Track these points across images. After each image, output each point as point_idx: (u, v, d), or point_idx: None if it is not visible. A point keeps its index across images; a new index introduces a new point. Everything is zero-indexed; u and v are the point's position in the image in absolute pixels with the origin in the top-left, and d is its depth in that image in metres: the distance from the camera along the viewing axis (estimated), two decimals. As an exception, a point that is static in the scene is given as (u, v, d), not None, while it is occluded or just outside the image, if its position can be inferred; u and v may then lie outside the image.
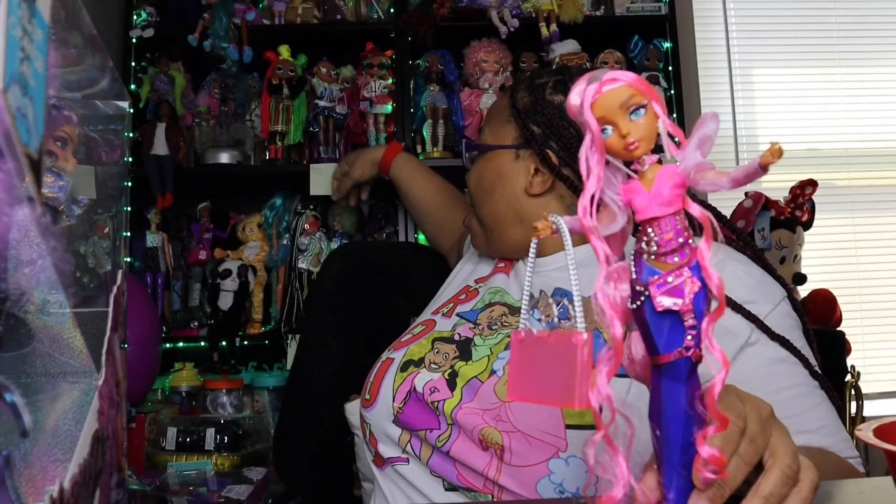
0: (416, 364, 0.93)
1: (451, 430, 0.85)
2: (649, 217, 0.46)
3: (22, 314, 0.43)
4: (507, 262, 1.07)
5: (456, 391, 0.87)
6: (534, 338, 0.47)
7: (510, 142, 0.99)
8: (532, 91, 0.98)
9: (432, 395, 0.87)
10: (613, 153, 0.47)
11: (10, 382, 0.32)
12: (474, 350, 0.91)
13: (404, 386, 0.91)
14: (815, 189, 2.13)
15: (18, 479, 0.36)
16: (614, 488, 0.45)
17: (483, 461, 0.82)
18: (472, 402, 0.85)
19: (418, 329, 1.01)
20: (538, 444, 0.79)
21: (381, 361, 0.98)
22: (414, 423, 0.89)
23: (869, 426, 0.55)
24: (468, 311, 1.01)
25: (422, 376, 0.90)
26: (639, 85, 0.46)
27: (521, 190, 0.98)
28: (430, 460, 0.88)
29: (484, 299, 1.01)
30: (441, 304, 1.06)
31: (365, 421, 0.96)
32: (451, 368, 0.89)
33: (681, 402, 0.46)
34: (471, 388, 0.86)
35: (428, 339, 0.96)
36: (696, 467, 0.46)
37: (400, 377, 0.92)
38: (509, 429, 0.80)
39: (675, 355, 0.46)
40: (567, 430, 0.79)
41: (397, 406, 0.91)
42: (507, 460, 0.80)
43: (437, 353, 0.93)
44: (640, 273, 0.46)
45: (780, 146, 0.41)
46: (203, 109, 2.26)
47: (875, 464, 1.96)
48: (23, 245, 0.38)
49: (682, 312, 0.45)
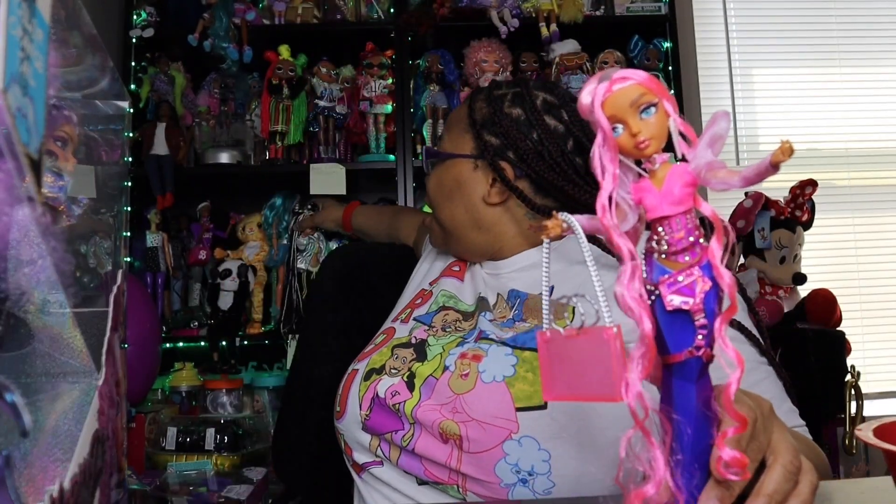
0: (377, 372, 0.96)
1: (414, 428, 0.89)
2: (660, 216, 0.46)
3: (22, 314, 0.43)
4: (461, 266, 1.10)
5: (415, 391, 0.90)
6: (561, 337, 0.47)
7: (468, 151, 1.01)
8: (490, 102, 1.00)
9: (393, 399, 0.91)
10: (624, 152, 0.47)
11: (10, 382, 0.32)
12: (429, 350, 0.95)
13: (368, 394, 0.94)
14: (815, 189, 2.13)
15: (18, 479, 0.36)
16: (648, 484, 0.45)
17: (445, 453, 0.86)
18: (430, 399, 0.88)
19: (380, 338, 1.04)
20: (492, 428, 0.83)
21: (347, 374, 1.01)
22: (380, 428, 0.92)
23: (869, 426, 0.55)
24: (423, 314, 1.04)
25: (383, 382, 0.93)
26: (649, 83, 0.46)
27: (480, 198, 1.00)
28: (399, 460, 0.91)
29: (437, 301, 1.05)
30: (400, 311, 1.09)
31: (339, 431, 1.00)
32: (409, 370, 0.93)
33: (692, 401, 0.46)
34: (428, 386, 0.89)
35: (388, 346, 1.00)
36: (718, 469, 0.46)
37: (364, 386, 0.95)
38: (465, 419, 0.84)
39: (686, 355, 0.46)
40: (517, 413, 0.83)
41: (364, 414, 0.94)
42: (465, 448, 0.84)
43: (396, 358, 0.96)
44: (651, 272, 0.46)
45: (791, 144, 0.41)
46: (203, 109, 2.26)
47: (875, 464, 1.96)
48: (23, 245, 0.38)
49: (693, 312, 0.45)
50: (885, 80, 2.79)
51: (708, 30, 2.72)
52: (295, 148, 2.17)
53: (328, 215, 1.92)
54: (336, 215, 1.86)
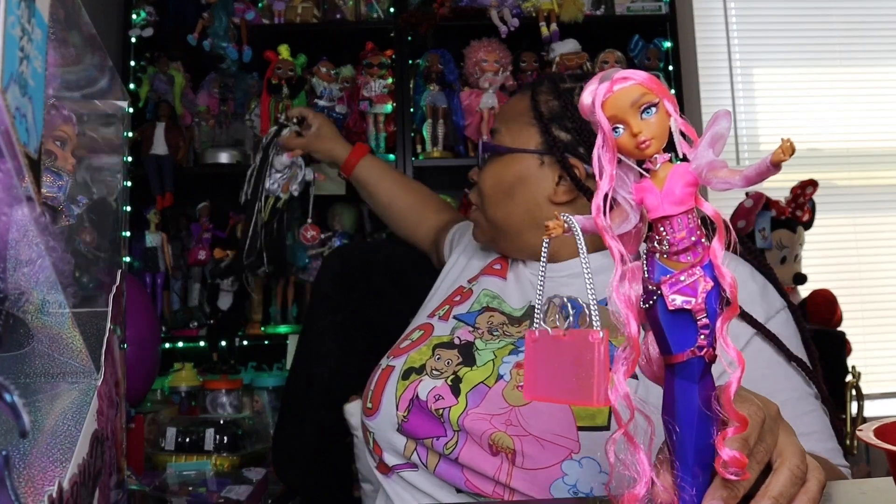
0: (417, 371, 0.91)
1: (458, 436, 0.84)
2: (661, 216, 0.46)
3: (21, 314, 0.43)
4: (503, 264, 1.05)
5: (461, 397, 0.85)
6: (549, 337, 0.47)
7: (533, 146, 0.96)
8: (558, 96, 0.96)
9: (436, 403, 0.86)
10: (625, 152, 0.47)
11: (10, 382, 0.32)
12: (478, 355, 0.90)
13: (407, 394, 0.89)
14: (815, 189, 2.13)
15: (17, 480, 0.36)
16: (636, 486, 0.45)
17: (493, 466, 0.81)
18: (479, 407, 0.83)
19: (416, 335, 0.99)
20: (551, 446, 0.79)
21: (380, 369, 0.96)
22: (418, 432, 0.87)
23: (870, 427, 0.54)
24: (465, 313, 0.99)
25: (424, 384, 0.88)
26: (650, 84, 0.46)
27: (545, 197, 0.95)
28: (437, 468, 0.86)
29: (480, 301, 1.00)
30: (436, 307, 1.04)
31: (368, 429, 0.95)
32: (455, 374, 0.88)
33: (694, 402, 0.46)
34: (477, 393, 0.84)
35: (428, 345, 0.94)
36: (718, 469, 0.46)
37: (402, 385, 0.90)
38: (520, 433, 0.80)
39: (688, 355, 0.46)
40: (579, 432, 0.79)
41: (401, 415, 0.89)
42: (518, 464, 0.79)
43: (439, 359, 0.91)
44: (653, 272, 0.46)
45: (792, 143, 0.40)
46: (202, 109, 2.26)
47: (875, 464, 1.96)
48: (22, 245, 0.38)
49: (695, 311, 0.45)
50: (886, 80, 2.79)
51: (708, 29, 2.72)
52: (295, 148, 2.17)
53: (325, 146, 1.48)
54: (338, 152, 1.45)
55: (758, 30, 2.76)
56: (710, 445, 0.46)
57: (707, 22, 2.72)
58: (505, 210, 0.98)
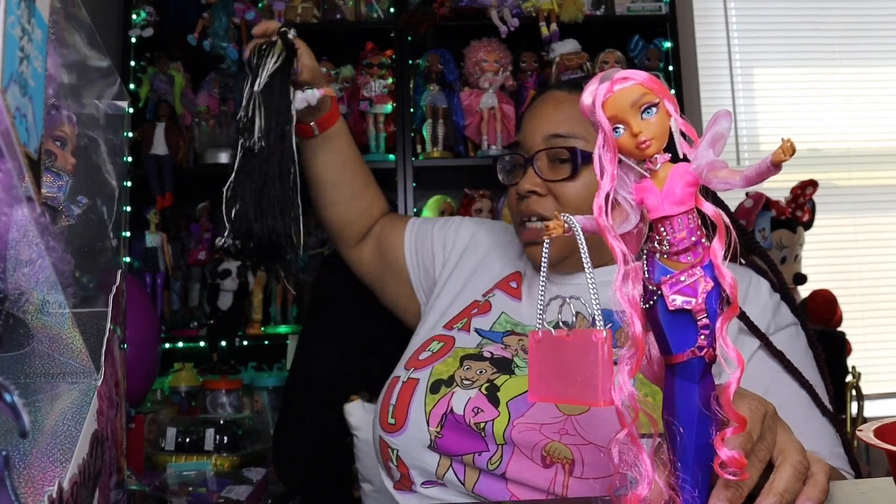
0: (446, 384, 0.85)
1: (503, 450, 0.79)
2: (661, 216, 0.46)
3: (21, 314, 0.43)
4: (518, 280, 1.00)
5: (501, 408, 0.80)
6: (552, 338, 0.47)
7: None
8: None
9: (476, 417, 0.80)
10: (626, 152, 0.47)
11: (10, 382, 0.32)
12: (517, 368, 0.85)
13: (438, 409, 0.83)
14: (815, 189, 2.13)
15: (17, 480, 0.36)
16: (639, 486, 0.45)
17: (545, 478, 0.77)
18: (525, 417, 0.78)
19: (436, 346, 0.93)
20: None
21: (401, 382, 0.90)
22: (455, 448, 0.82)
23: (870, 427, 0.54)
24: (487, 329, 0.94)
25: (458, 396, 0.83)
26: (650, 84, 0.46)
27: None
28: (476, 485, 0.81)
29: (501, 324, 0.95)
30: (453, 318, 0.99)
31: (389, 446, 0.88)
32: (490, 382, 0.83)
33: (694, 402, 0.46)
34: (521, 403, 0.80)
35: (454, 356, 0.89)
36: (716, 469, 0.46)
37: (431, 399, 0.85)
38: (579, 441, 0.76)
39: (689, 355, 0.46)
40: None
41: (434, 431, 0.83)
42: (577, 474, 0.76)
43: (468, 369, 0.86)
44: (653, 272, 0.46)
45: (792, 142, 0.40)
46: (202, 109, 2.26)
47: (876, 464, 1.96)
48: (22, 245, 0.38)
49: (695, 311, 0.45)
50: (886, 80, 2.78)
51: (708, 29, 2.72)
52: (295, 148, 2.17)
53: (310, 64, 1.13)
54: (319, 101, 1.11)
55: (758, 30, 2.76)
56: (710, 445, 0.46)
57: (707, 22, 2.72)
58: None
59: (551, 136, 0.93)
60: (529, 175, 0.94)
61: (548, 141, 0.94)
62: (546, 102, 0.99)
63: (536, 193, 0.93)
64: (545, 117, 0.96)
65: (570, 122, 0.94)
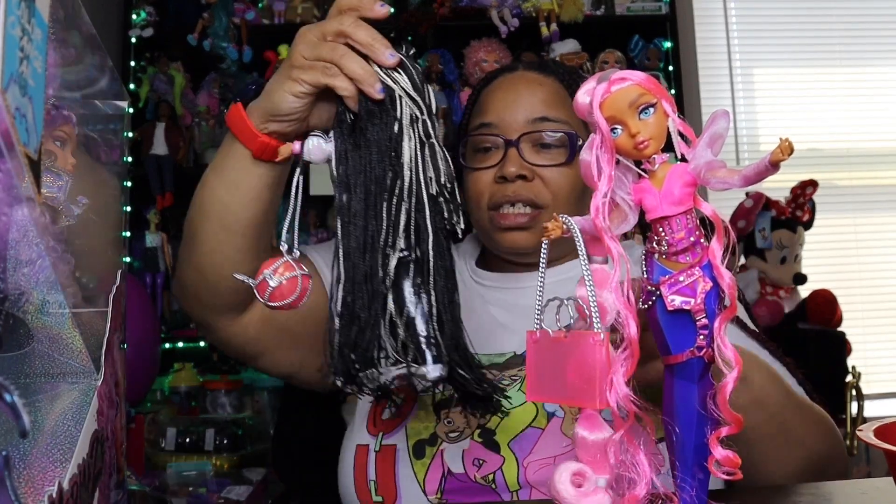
0: (429, 443, 0.77)
1: (517, 495, 0.73)
2: (660, 216, 0.46)
3: (21, 314, 0.43)
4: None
5: (504, 452, 0.74)
6: (549, 338, 0.47)
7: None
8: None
9: (481, 470, 0.73)
10: (623, 153, 0.47)
11: (10, 382, 0.32)
12: (506, 401, 0.72)
13: (433, 473, 0.75)
14: (815, 189, 2.13)
15: (17, 480, 0.36)
16: (637, 487, 0.45)
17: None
18: (532, 454, 0.73)
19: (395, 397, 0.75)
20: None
21: (372, 451, 0.79)
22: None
23: (870, 427, 0.54)
24: None
25: (451, 452, 0.75)
26: (648, 84, 0.46)
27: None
28: None
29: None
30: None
31: None
32: (481, 427, 0.75)
33: (693, 402, 0.46)
34: (525, 440, 0.73)
35: (425, 409, 0.78)
36: (710, 468, 0.46)
37: (421, 466, 0.76)
38: None
39: (688, 355, 0.46)
40: (659, 444, 0.75)
41: (435, 499, 0.75)
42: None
43: (450, 422, 0.77)
44: (652, 272, 0.46)
45: (790, 142, 0.40)
46: (203, 109, 2.26)
47: (876, 465, 1.96)
48: (22, 245, 0.38)
49: (694, 312, 0.45)
50: (886, 80, 2.78)
51: (708, 29, 2.72)
52: (295, 148, 2.17)
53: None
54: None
55: (758, 30, 2.76)
56: (707, 444, 0.47)
57: (707, 22, 2.72)
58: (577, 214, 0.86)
59: (538, 120, 0.86)
60: (514, 158, 0.85)
61: (534, 124, 0.86)
62: (519, 83, 0.91)
63: (524, 178, 0.85)
64: (524, 99, 0.89)
65: (554, 106, 0.88)
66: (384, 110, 0.63)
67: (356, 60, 0.64)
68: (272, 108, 0.69)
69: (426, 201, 0.62)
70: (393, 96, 0.63)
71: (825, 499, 0.62)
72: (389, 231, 0.60)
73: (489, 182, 0.87)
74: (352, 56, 0.64)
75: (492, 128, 0.89)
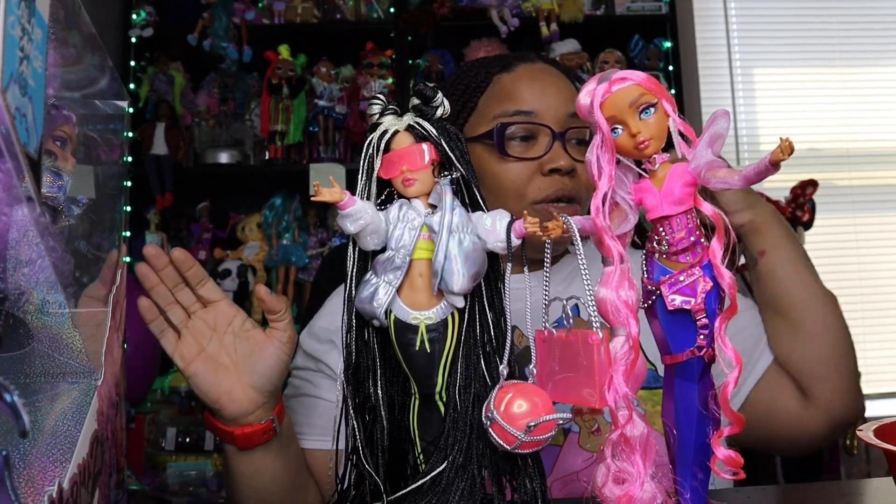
0: None
1: None
2: (660, 216, 0.46)
3: (21, 314, 0.43)
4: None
5: None
6: (555, 338, 0.47)
7: None
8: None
9: None
10: (624, 152, 0.47)
11: (10, 382, 0.32)
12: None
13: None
14: (815, 189, 2.12)
15: (17, 480, 0.36)
16: (632, 486, 0.45)
17: None
18: (553, 473, 0.72)
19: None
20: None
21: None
22: None
23: (870, 427, 0.54)
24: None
25: None
26: (648, 84, 0.46)
27: None
28: None
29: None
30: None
31: None
32: None
33: (694, 402, 0.46)
34: (545, 459, 0.67)
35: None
36: (713, 469, 0.46)
37: None
38: None
39: (688, 355, 0.46)
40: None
41: None
42: None
43: None
44: (652, 272, 0.46)
45: (790, 141, 0.40)
46: (202, 109, 2.26)
47: (876, 464, 1.96)
48: (22, 245, 0.38)
49: (694, 311, 0.45)
50: (886, 80, 2.78)
51: (708, 29, 2.72)
52: (294, 148, 2.17)
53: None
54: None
55: (758, 30, 2.76)
56: (709, 445, 0.46)
57: (707, 22, 2.72)
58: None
59: (572, 116, 0.82)
60: (561, 151, 0.82)
61: (574, 119, 0.83)
62: (546, 75, 0.89)
63: (570, 173, 0.82)
64: (561, 92, 0.86)
65: (566, 99, 0.86)
66: None
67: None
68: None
69: None
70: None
71: (825, 498, 0.62)
72: None
73: (532, 173, 0.83)
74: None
75: (533, 116, 0.85)
